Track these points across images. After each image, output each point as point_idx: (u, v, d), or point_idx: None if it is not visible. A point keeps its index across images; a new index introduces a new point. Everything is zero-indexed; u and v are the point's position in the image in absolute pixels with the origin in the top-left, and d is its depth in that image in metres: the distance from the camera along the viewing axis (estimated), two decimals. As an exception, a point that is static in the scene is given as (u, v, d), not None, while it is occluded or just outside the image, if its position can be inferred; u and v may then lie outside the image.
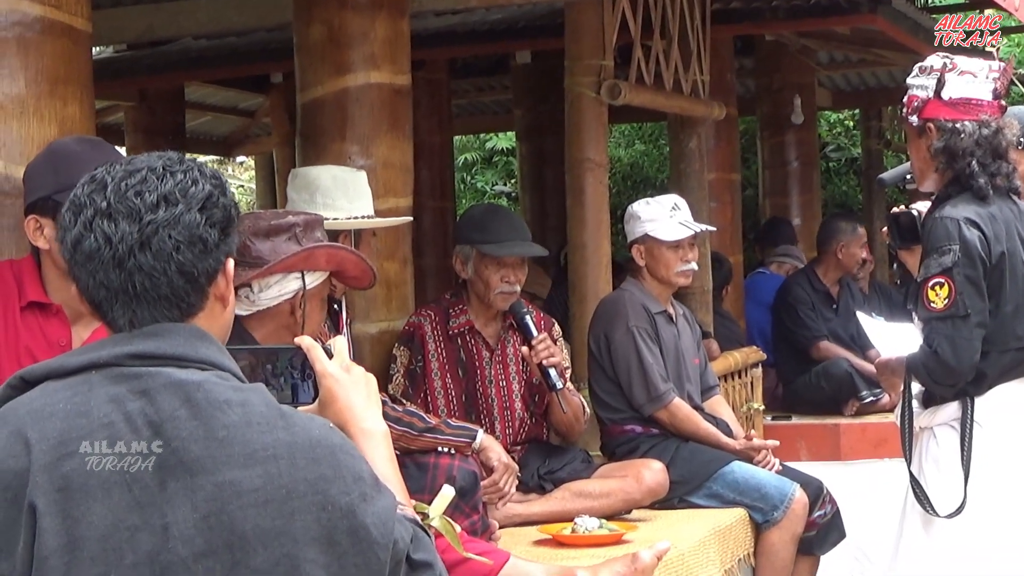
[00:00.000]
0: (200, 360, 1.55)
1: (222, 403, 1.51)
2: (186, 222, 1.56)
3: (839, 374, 6.79)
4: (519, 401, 4.31)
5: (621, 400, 4.55)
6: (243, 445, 1.49)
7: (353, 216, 3.70)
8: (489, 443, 3.81)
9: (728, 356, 6.01)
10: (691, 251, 4.63)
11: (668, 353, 4.58)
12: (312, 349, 1.80)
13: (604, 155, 5.29)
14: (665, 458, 4.38)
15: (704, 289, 6.25)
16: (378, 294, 4.28)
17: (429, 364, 4.20)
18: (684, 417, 4.52)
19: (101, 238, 1.55)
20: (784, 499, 4.41)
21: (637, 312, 4.53)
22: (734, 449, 4.54)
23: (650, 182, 13.50)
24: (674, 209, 4.64)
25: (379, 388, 1.85)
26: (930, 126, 3.34)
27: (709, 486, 4.43)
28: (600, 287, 5.15)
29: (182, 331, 1.57)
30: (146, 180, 1.57)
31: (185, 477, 1.48)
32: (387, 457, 1.76)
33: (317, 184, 3.73)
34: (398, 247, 4.40)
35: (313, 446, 1.52)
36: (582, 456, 4.43)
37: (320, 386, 1.79)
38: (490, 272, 4.18)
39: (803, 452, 6.66)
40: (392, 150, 4.31)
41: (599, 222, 5.24)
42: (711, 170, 6.71)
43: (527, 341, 4.09)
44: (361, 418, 1.77)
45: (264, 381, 1.76)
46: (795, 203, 8.93)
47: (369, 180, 4.04)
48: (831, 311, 7.09)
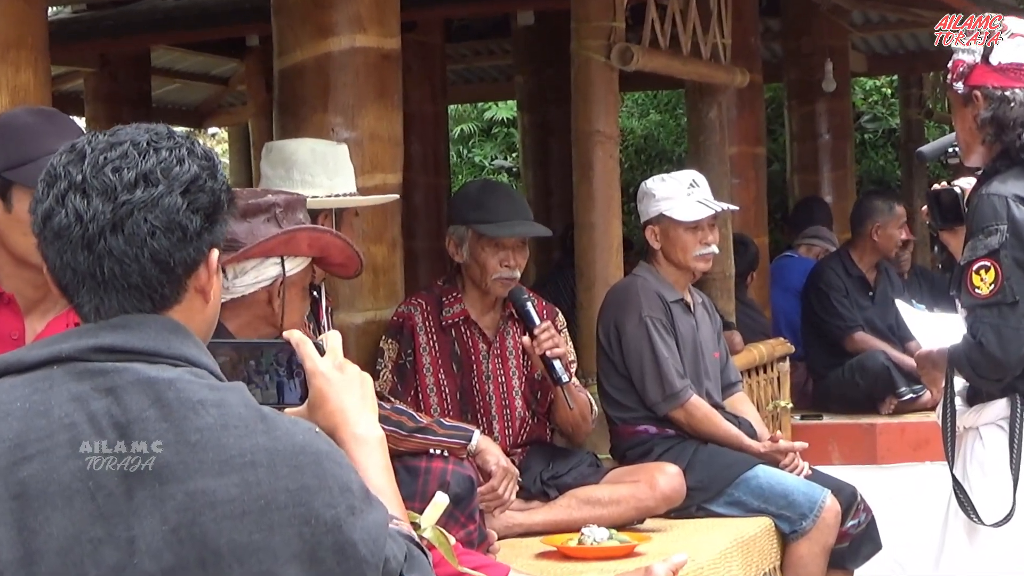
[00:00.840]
0: (173, 356, 1.55)
1: (196, 403, 1.50)
2: (165, 205, 1.55)
3: (875, 368, 6.80)
4: (520, 399, 4.31)
5: (633, 398, 4.55)
6: (218, 450, 1.49)
7: (334, 194, 3.71)
8: (486, 445, 3.81)
9: (752, 349, 6.02)
10: (711, 233, 4.63)
11: (685, 346, 4.59)
12: (302, 344, 1.79)
13: (615, 126, 5.29)
14: (682, 462, 4.39)
15: (726, 275, 6.25)
16: (364, 281, 4.28)
17: (420, 358, 4.21)
18: (703, 417, 4.52)
19: (72, 215, 1.54)
20: (814, 507, 4.42)
21: (651, 300, 4.53)
22: (758, 452, 4.55)
23: (666, 156, 13.50)
24: (692, 186, 4.63)
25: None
26: (977, 94, 3.34)
27: (731, 493, 4.44)
28: (610, 272, 5.15)
29: (153, 323, 1.57)
30: (127, 155, 1.56)
31: (154, 485, 1.47)
32: (382, 466, 1.76)
33: (294, 159, 3.74)
34: (386, 229, 4.40)
35: (296, 453, 1.52)
36: (589, 459, 4.43)
37: (309, 386, 1.79)
38: (487, 255, 4.18)
39: (835, 455, 6.67)
40: (380, 121, 4.31)
41: (609, 200, 5.24)
42: (733, 143, 6.70)
43: (528, 330, 4.10)
44: (354, 422, 1.76)
45: (246, 379, 1.76)
46: (826, 179, 8.93)
47: (355, 154, 4.03)
48: (867, 299, 7.10)
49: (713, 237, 4.64)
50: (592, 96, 5.20)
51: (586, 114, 5.22)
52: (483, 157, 15.08)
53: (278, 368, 1.80)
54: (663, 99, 14.25)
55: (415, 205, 7.48)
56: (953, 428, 3.38)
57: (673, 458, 4.41)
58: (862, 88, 13.23)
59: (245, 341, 2.04)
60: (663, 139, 13.87)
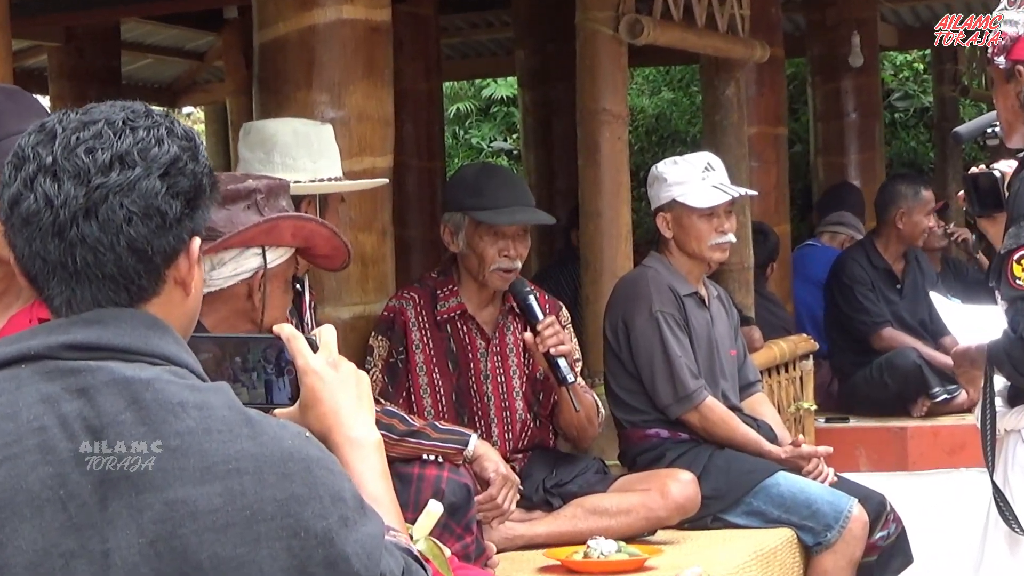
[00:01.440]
0: (151, 353, 1.55)
1: (175, 405, 1.50)
2: (142, 189, 1.55)
3: (906, 367, 6.80)
4: (520, 400, 4.31)
5: (643, 399, 4.55)
6: (200, 457, 1.49)
7: (318, 178, 3.70)
8: (484, 450, 3.81)
9: (772, 346, 6.01)
10: (728, 220, 4.62)
11: (700, 343, 4.59)
12: (293, 340, 1.79)
13: (623, 105, 5.28)
14: (696, 468, 4.39)
15: (744, 266, 6.25)
16: (352, 272, 4.27)
17: (413, 356, 4.21)
18: (719, 419, 4.52)
19: (42, 200, 1.54)
20: (839, 517, 4.42)
21: (662, 294, 4.53)
22: (779, 457, 4.55)
23: (679, 137, 13.50)
24: (707, 170, 4.63)
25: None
26: (1021, 69, 3.33)
27: (749, 502, 4.44)
28: (618, 263, 5.15)
29: (130, 318, 1.56)
30: (101, 135, 1.56)
31: (130, 494, 1.47)
32: (378, 473, 1.75)
33: (275, 140, 3.73)
34: (375, 216, 4.40)
35: (285, 459, 1.52)
36: (596, 466, 4.43)
37: (301, 384, 1.78)
38: (485, 244, 4.18)
39: (863, 460, 6.68)
40: (369, 100, 4.31)
41: (617, 185, 5.23)
42: (752, 123, 6.69)
43: (531, 326, 4.09)
44: (349, 425, 1.76)
45: (232, 377, 1.76)
46: (853, 162, 8.93)
47: (341, 136, 4.02)
48: (894, 292, 7.10)
49: (730, 225, 4.64)
50: (599, 72, 5.20)
51: (592, 92, 5.21)
52: (481, 139, 15.08)
53: (266, 365, 1.80)
54: (676, 75, 14.24)
55: (407, 191, 7.48)
56: (993, 431, 3.37)
57: (687, 464, 4.41)
58: (892, 63, 13.22)
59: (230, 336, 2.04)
60: (676, 119, 13.86)
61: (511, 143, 14.81)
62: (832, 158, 8.99)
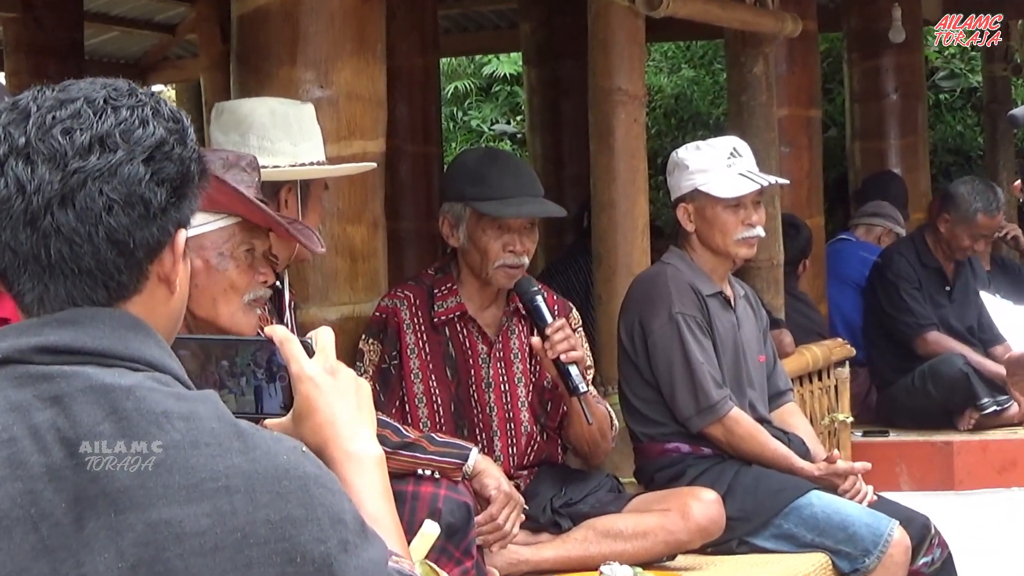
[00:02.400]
0: (131, 358, 1.55)
1: (159, 415, 1.50)
2: (124, 175, 1.55)
3: (952, 375, 6.80)
4: (526, 410, 4.31)
5: (661, 411, 4.55)
6: (186, 473, 1.49)
7: (298, 163, 3.70)
8: (486, 466, 3.81)
9: (805, 351, 6.01)
10: (755, 212, 4.62)
11: (724, 348, 4.59)
12: (286, 343, 1.79)
13: (640, 84, 5.28)
14: (720, 486, 4.39)
15: (773, 263, 6.25)
16: (339, 269, 4.28)
17: (407, 362, 4.21)
18: (745, 433, 4.52)
19: (13, 185, 1.54)
20: (879, 541, 4.42)
21: (683, 294, 4.53)
22: (812, 475, 4.55)
23: (701, 120, 13.49)
24: (733, 156, 4.63)
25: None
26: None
27: (779, 524, 4.44)
28: (634, 260, 5.15)
29: (108, 318, 1.56)
30: (79, 114, 1.56)
31: (109, 513, 1.47)
32: (380, 491, 1.76)
33: (250, 121, 3.73)
34: (365, 207, 4.40)
35: (279, 477, 1.52)
36: (610, 483, 4.43)
37: (295, 392, 1.79)
38: (489, 239, 4.18)
39: (904, 478, 6.67)
40: (358, 77, 4.31)
41: (633, 173, 5.23)
42: (782, 104, 6.69)
43: (538, 330, 4.09)
44: (347, 437, 1.77)
45: (218, 383, 1.76)
46: (893, 148, 8.92)
47: (329, 117, 4.02)
48: (943, 294, 7.10)
49: (758, 217, 4.63)
50: (613, 47, 5.20)
51: (606, 69, 5.20)
52: (482, 121, 15.08)
53: (256, 370, 1.80)
54: (698, 52, 14.23)
55: (401, 178, 7.48)
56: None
57: (710, 482, 4.41)
58: (942, 38, 13.20)
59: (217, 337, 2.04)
60: (698, 99, 13.86)
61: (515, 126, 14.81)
62: (870, 143, 8.97)
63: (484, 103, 15.21)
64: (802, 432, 4.80)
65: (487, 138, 14.87)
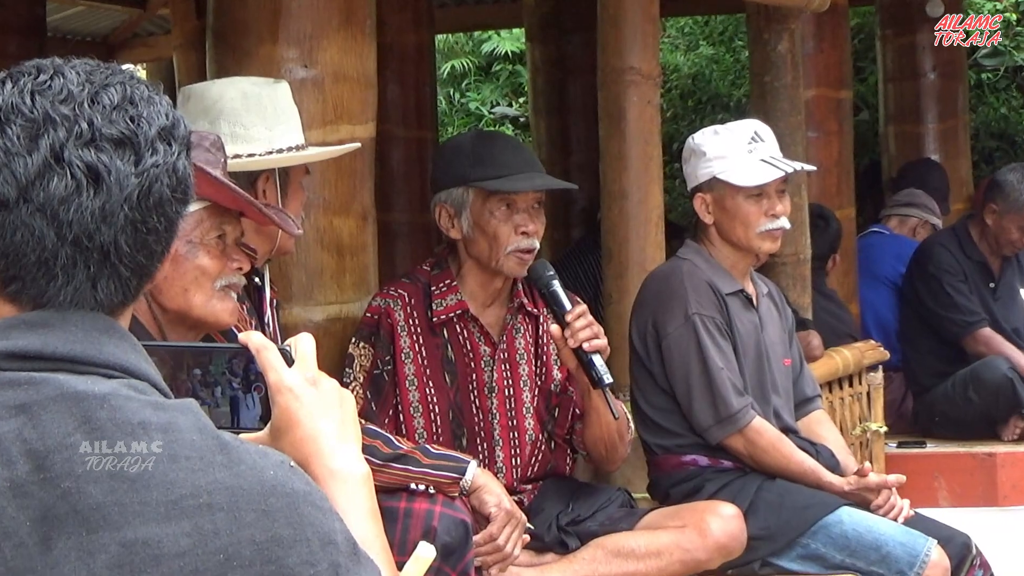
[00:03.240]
0: (106, 363, 1.55)
1: (136, 426, 1.51)
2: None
3: (995, 380, 6.79)
4: (531, 418, 4.32)
5: (677, 420, 4.56)
6: (165, 489, 1.49)
7: (275, 148, 3.70)
8: (485, 480, 3.82)
9: (834, 355, 6.01)
10: (780, 202, 4.63)
11: (746, 352, 4.59)
12: (263, 351, 1.80)
13: (654, 63, 5.28)
14: (742, 502, 4.40)
15: (800, 258, 6.25)
16: (324, 264, 4.28)
17: (401, 367, 4.21)
18: (768, 444, 4.52)
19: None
20: (915, 562, 4.42)
21: (701, 292, 4.53)
22: (842, 490, 4.55)
23: (721, 102, 13.49)
24: (754, 141, 4.63)
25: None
26: None
27: (806, 543, 4.45)
28: (647, 255, 5.15)
29: (80, 320, 1.57)
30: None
31: (79, 533, 1.47)
32: (367, 511, 1.77)
33: (219, 106, 3.72)
34: (354, 197, 4.40)
35: (266, 494, 1.53)
36: (621, 498, 4.44)
37: (273, 404, 1.80)
38: (498, 221, 4.17)
39: (943, 493, 6.67)
40: (346, 55, 4.31)
41: (647, 160, 5.24)
42: (810, 85, 6.69)
43: (557, 317, 4.07)
44: (330, 453, 1.77)
45: (190, 394, 1.77)
46: (931, 132, 8.93)
47: (313, 99, 4.03)
48: (987, 291, 7.10)
49: (782, 207, 4.64)
50: (624, 23, 5.20)
51: (616, 46, 5.21)
52: (481, 103, 15.09)
53: (231, 380, 1.81)
54: (717, 27, 14.24)
55: (392, 166, 7.48)
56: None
57: (730, 497, 4.42)
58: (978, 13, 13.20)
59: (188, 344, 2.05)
60: (717, 80, 13.86)
61: (517, 108, 14.82)
62: (906, 127, 8.98)
63: (483, 84, 15.21)
64: (831, 443, 4.80)
65: (487, 122, 14.87)
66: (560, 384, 4.28)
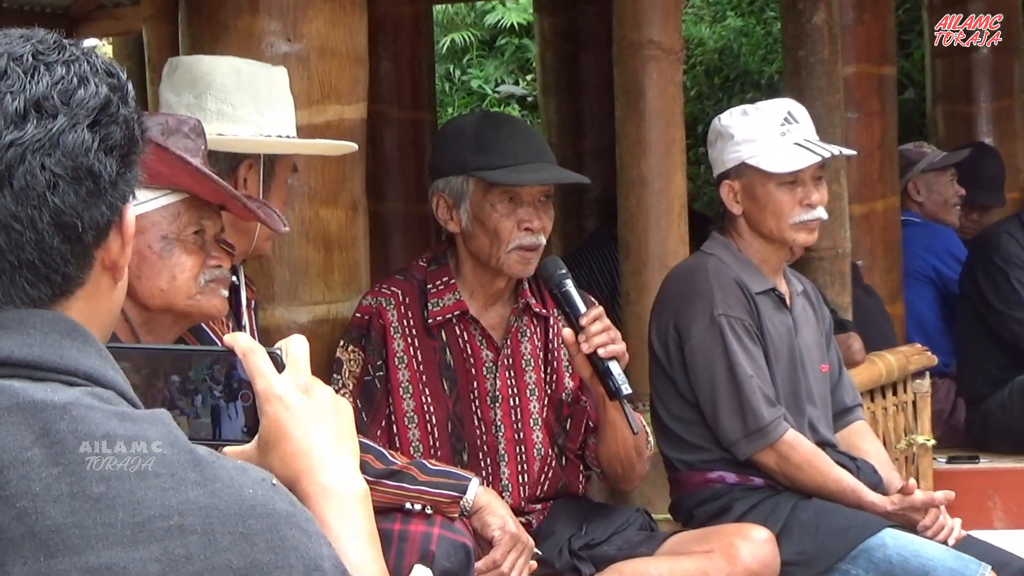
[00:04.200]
0: (67, 369, 1.56)
1: (100, 440, 1.51)
2: (69, 145, 1.57)
3: (1056, 388, 6.79)
4: (540, 430, 4.31)
5: (702, 433, 4.55)
6: (132, 509, 1.49)
7: (264, 134, 3.71)
8: (488, 500, 3.83)
9: (876, 360, 6.01)
10: (817, 190, 4.62)
11: (778, 357, 4.59)
12: (251, 355, 1.81)
13: (677, 36, 5.28)
14: (774, 524, 4.39)
15: (838, 253, 6.25)
16: (311, 260, 4.28)
17: (395, 373, 4.21)
18: (803, 460, 4.52)
19: None
20: (966, 589, 4.42)
21: (728, 291, 4.53)
22: (885, 510, 4.55)
23: (750, 79, 13.49)
24: (787, 122, 4.63)
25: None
26: None
27: (845, 569, 4.45)
28: (669, 249, 5.15)
29: (39, 322, 1.57)
30: (6, 75, 1.58)
31: (37, 557, 1.47)
32: (364, 534, 1.77)
33: (209, 80, 3.73)
34: (343, 185, 4.40)
35: (244, 515, 1.53)
36: (640, 520, 4.44)
37: (261, 414, 1.80)
38: (500, 215, 4.17)
39: (998, 513, 6.67)
40: (334, 28, 4.31)
41: (669, 143, 5.24)
42: (849, 60, 6.69)
43: (570, 320, 4.06)
44: (324, 469, 1.78)
45: (167, 402, 1.77)
46: (984, 113, 8.91)
47: (298, 77, 4.03)
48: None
49: (819, 196, 4.63)
50: (643, -9, 5.21)
51: (634, 18, 5.21)
52: (484, 81, 15.09)
53: (213, 387, 1.81)
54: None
55: (386, 151, 7.49)
56: None
57: (761, 518, 4.42)
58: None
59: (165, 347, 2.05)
60: (746, 55, 13.86)
61: (524, 87, 14.82)
62: (956, 107, 8.96)
63: (487, 59, 15.22)
64: (873, 457, 4.80)
65: (490, 102, 14.87)
66: (572, 393, 4.28)
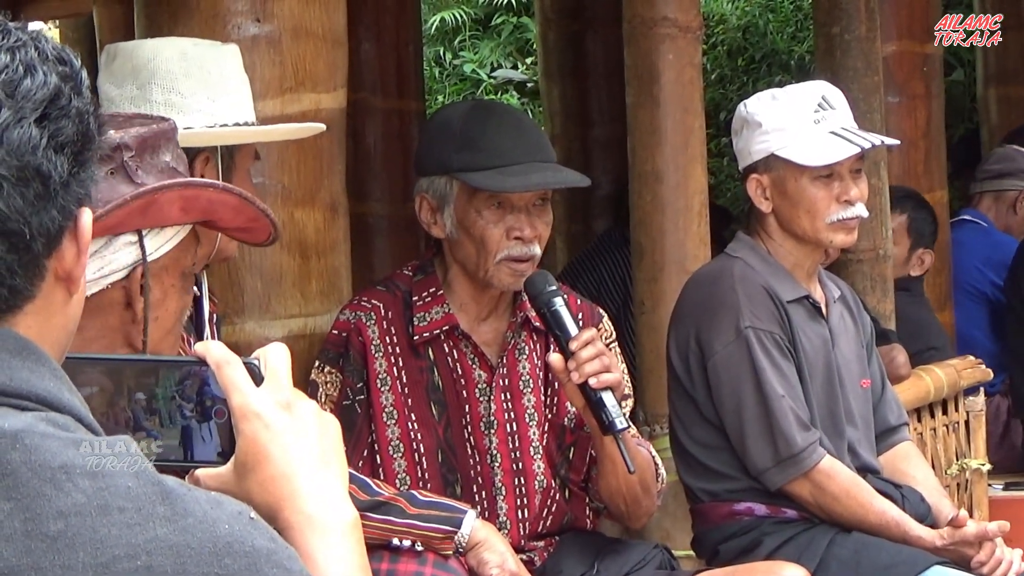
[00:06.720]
0: (17, 392, 1.56)
1: (56, 471, 1.51)
2: (14, 142, 1.57)
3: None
4: (541, 459, 4.32)
5: (727, 459, 4.56)
6: (94, 549, 1.50)
7: (218, 124, 3.71)
8: (486, 534, 3.83)
9: (923, 374, 6.01)
10: (855, 184, 4.62)
11: (813, 373, 4.59)
12: (225, 366, 1.81)
13: (695, 12, 5.29)
14: (809, 561, 4.39)
15: (879, 254, 6.25)
16: (284, 268, 4.29)
17: (377, 396, 4.21)
18: (841, 490, 4.52)
19: None
20: (1026, 633, 4.43)
21: (756, 300, 4.53)
22: (934, 544, 4.55)
23: (778, 60, 13.51)
24: (821, 108, 4.63)
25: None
26: None
27: (890, 611, 4.45)
28: (688, 252, 5.16)
29: None
30: None
31: None
32: (354, 568, 1.78)
33: (153, 68, 3.73)
34: (320, 184, 4.41)
35: (219, 553, 1.53)
36: (659, 557, 4.43)
37: (237, 435, 1.80)
38: (486, 223, 4.17)
39: (1060, 547, 6.67)
40: (308, 7, 4.32)
41: (687, 133, 5.24)
42: (890, 38, 6.69)
43: (559, 344, 4.07)
44: (308, 495, 1.78)
45: (131, 423, 1.78)
46: (1040, 95, 8.93)
47: (269, 61, 4.04)
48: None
49: (859, 191, 4.64)
50: (657, -38, 5.22)
51: (647, -8, 5.22)
52: (479, 65, 15.10)
53: (183, 405, 1.81)
54: (773, -33, 14.29)
55: (369, 145, 7.50)
56: None
57: (795, 555, 4.42)
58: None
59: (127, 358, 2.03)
60: (773, 32, 13.89)
61: (524, 71, 14.84)
62: (1009, 89, 8.99)
63: (481, 41, 15.24)
64: (920, 484, 4.80)
65: (486, 89, 14.90)
66: (575, 418, 4.27)
